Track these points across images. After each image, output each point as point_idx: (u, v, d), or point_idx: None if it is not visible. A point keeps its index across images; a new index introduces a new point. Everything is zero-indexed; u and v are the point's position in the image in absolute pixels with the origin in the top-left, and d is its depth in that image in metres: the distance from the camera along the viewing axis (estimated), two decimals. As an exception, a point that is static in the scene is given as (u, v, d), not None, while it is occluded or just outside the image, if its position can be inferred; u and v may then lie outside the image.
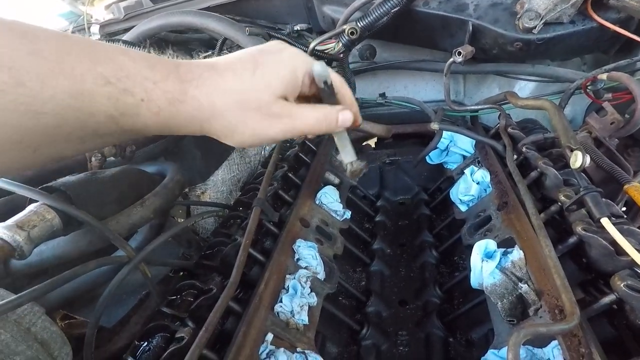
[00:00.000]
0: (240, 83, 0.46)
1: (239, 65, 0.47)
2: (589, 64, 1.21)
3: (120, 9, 1.39)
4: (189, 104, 0.44)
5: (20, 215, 0.56)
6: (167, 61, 0.44)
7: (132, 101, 0.40)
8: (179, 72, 0.44)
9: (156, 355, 0.56)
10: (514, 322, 0.61)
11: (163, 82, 0.42)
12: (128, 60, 0.40)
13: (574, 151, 0.64)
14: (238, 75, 0.47)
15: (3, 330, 0.47)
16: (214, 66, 0.47)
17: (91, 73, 0.37)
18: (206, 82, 0.45)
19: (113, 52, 0.40)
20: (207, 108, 0.45)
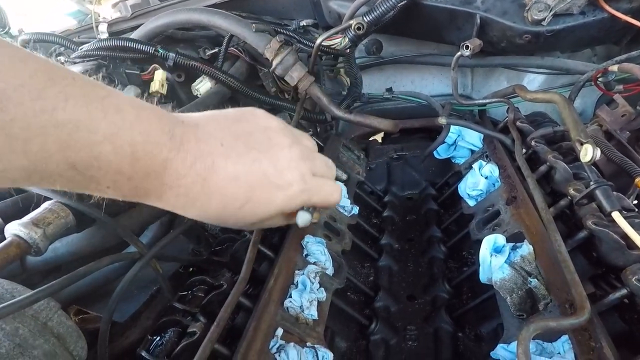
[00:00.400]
0: (225, 209, 0.47)
1: (230, 191, 0.46)
2: (599, 55, 1.19)
3: (127, 7, 1.40)
4: (160, 203, 0.44)
5: (35, 213, 0.57)
6: (157, 153, 0.41)
7: (94, 187, 0.40)
8: (165, 173, 0.42)
9: (169, 349, 0.57)
10: (524, 316, 0.61)
11: (139, 180, 0.41)
12: (109, 149, 0.37)
13: (584, 145, 0.63)
14: (227, 199, 0.46)
15: (21, 325, 0.49)
16: (210, 173, 0.44)
17: (56, 158, 0.35)
18: (189, 193, 0.44)
19: (98, 135, 0.37)
20: (179, 211, 0.46)
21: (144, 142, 0.40)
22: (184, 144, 0.43)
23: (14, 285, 0.54)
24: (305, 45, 1.13)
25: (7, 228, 0.54)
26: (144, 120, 0.40)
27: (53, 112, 0.34)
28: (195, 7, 1.16)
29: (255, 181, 0.47)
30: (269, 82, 1.24)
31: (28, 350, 0.48)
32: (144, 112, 0.41)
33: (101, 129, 0.37)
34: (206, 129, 0.46)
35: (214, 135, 0.46)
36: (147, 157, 0.40)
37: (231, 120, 0.50)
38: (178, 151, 0.42)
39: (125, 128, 0.38)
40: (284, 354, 0.56)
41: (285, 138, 0.52)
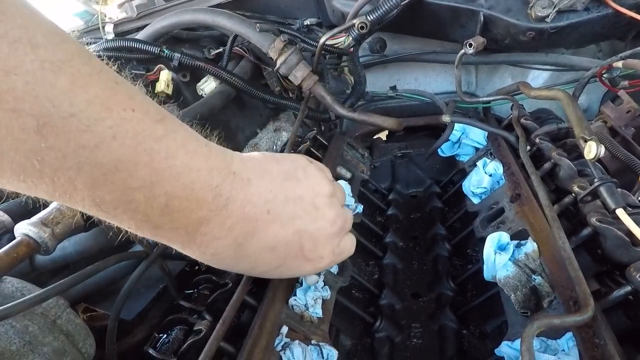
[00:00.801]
0: (252, 271, 0.50)
1: (263, 258, 0.47)
2: (604, 51, 1.18)
3: (133, 7, 1.41)
4: (184, 252, 0.44)
5: (44, 213, 0.58)
6: (196, 209, 0.38)
7: (116, 223, 0.39)
8: (198, 232, 0.40)
9: (175, 347, 0.58)
10: (528, 314, 0.61)
11: (166, 232, 0.39)
12: (141, 198, 0.35)
13: (587, 142, 0.63)
14: (258, 265, 0.48)
15: (31, 323, 0.50)
16: (248, 241, 0.43)
17: (82, 194, 0.34)
18: (217, 256, 0.44)
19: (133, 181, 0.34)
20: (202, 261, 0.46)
21: (184, 198, 0.37)
22: (229, 204, 0.40)
23: (24, 284, 0.55)
24: (309, 45, 1.13)
25: (16, 227, 0.55)
26: (193, 171, 0.37)
27: (95, 149, 0.31)
28: (200, 8, 1.17)
29: (291, 253, 0.48)
30: (273, 81, 1.24)
31: (38, 348, 0.49)
32: (196, 160, 0.37)
33: (141, 176, 0.34)
34: (258, 187, 0.43)
35: (264, 196, 0.44)
36: (182, 213, 0.37)
37: (283, 177, 0.47)
38: (219, 212, 0.40)
39: (168, 179, 0.36)
40: (289, 351, 0.57)
41: (331, 210, 0.51)
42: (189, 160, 0.37)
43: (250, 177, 0.43)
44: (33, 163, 0.30)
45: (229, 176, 0.40)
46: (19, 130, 0.28)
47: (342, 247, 0.55)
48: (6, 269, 0.50)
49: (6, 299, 0.51)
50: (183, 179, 0.36)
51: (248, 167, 0.44)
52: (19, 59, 0.28)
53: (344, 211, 0.54)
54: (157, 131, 0.35)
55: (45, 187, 0.32)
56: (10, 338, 0.48)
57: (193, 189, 0.37)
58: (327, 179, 0.53)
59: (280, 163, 0.49)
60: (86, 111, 0.31)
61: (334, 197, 0.53)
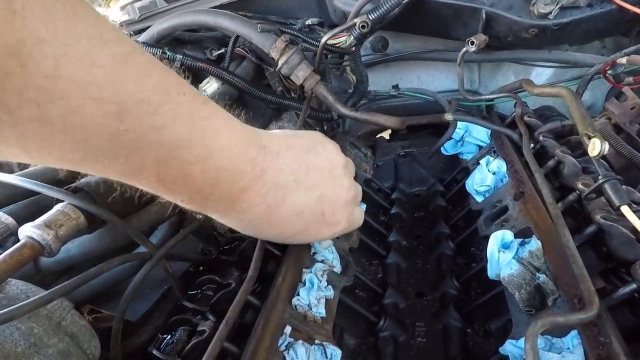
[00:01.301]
0: (279, 235, 0.56)
1: (290, 223, 0.53)
2: (608, 47, 1.17)
3: (135, 9, 1.42)
4: (223, 220, 0.50)
5: (48, 215, 0.58)
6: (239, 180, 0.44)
7: (170, 196, 0.43)
8: (239, 199, 0.45)
9: (179, 347, 0.58)
10: (532, 312, 0.61)
11: (213, 201, 0.44)
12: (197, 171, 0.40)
13: (591, 139, 0.63)
14: (285, 230, 0.54)
15: (36, 325, 0.50)
16: (278, 207, 0.49)
17: (149, 171, 0.38)
18: (253, 222, 0.49)
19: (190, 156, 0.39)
20: (235, 228, 0.52)
21: (229, 170, 0.42)
22: (264, 174, 0.45)
23: (29, 286, 0.55)
24: (311, 45, 1.13)
25: (20, 230, 0.56)
26: (235, 146, 0.43)
27: (161, 129, 0.36)
28: (201, 9, 1.17)
29: (314, 218, 0.53)
30: (275, 81, 1.24)
31: (43, 349, 0.49)
32: (236, 136, 0.43)
33: (196, 152, 0.39)
34: (285, 159, 0.49)
35: (290, 167, 0.50)
36: (227, 183, 0.43)
37: (305, 150, 0.53)
38: (257, 181, 0.45)
39: (217, 153, 0.41)
40: (292, 351, 0.57)
41: (346, 179, 0.57)
42: (232, 137, 0.42)
43: (279, 150, 0.49)
44: (112, 145, 0.34)
45: (261, 149, 0.46)
46: (102, 116, 0.32)
47: (355, 215, 0.61)
48: (11, 272, 0.51)
49: (11, 301, 0.51)
50: (228, 153, 0.42)
51: (275, 141, 0.50)
52: (97, 53, 0.31)
53: (355, 182, 0.61)
54: (204, 111, 0.40)
55: (118, 167, 0.36)
56: (15, 340, 0.48)
57: (236, 161, 0.42)
58: (341, 153, 0.59)
59: (301, 138, 0.55)
60: (152, 96, 0.35)
61: (348, 168, 0.59)
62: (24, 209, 0.70)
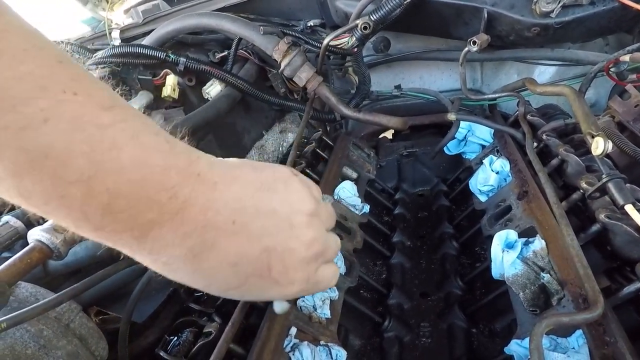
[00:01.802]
0: (210, 288, 0.43)
1: (222, 275, 0.41)
2: (611, 44, 1.17)
3: (138, 13, 1.43)
4: (134, 258, 0.39)
5: (55, 219, 0.59)
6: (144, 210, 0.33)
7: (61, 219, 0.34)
8: (148, 237, 0.35)
9: (186, 349, 0.59)
10: (537, 312, 0.61)
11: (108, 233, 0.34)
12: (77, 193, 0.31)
13: (595, 137, 0.63)
14: (217, 283, 0.42)
15: (45, 327, 0.51)
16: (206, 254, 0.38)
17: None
18: (170, 266, 0.39)
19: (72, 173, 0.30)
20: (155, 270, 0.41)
21: (130, 198, 0.32)
22: (187, 209, 0.35)
23: (38, 289, 0.56)
24: (313, 46, 1.13)
25: (29, 234, 0.56)
26: (144, 167, 0.33)
27: (19, 132, 0.29)
28: (204, 12, 1.18)
29: (255, 272, 0.41)
30: (278, 83, 1.25)
31: (52, 351, 0.50)
32: (148, 155, 0.33)
33: (77, 168, 0.30)
34: (224, 193, 0.38)
35: (230, 204, 0.38)
36: (127, 214, 0.33)
37: (258, 186, 0.42)
38: (173, 217, 0.35)
39: (110, 173, 0.31)
40: (297, 352, 0.57)
41: (308, 231, 0.44)
42: (140, 155, 0.32)
43: (217, 181, 0.38)
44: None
45: (190, 177, 0.36)
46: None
47: (319, 276, 0.47)
48: (21, 275, 0.52)
49: (21, 304, 0.52)
50: (129, 175, 0.32)
51: (217, 170, 0.39)
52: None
53: (326, 236, 0.47)
54: (101, 118, 0.31)
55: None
56: (25, 342, 0.49)
57: (143, 187, 0.33)
58: (311, 196, 0.46)
59: (258, 171, 0.44)
60: (14, 89, 0.28)
61: (316, 218, 0.46)
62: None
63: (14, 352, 0.47)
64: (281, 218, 0.42)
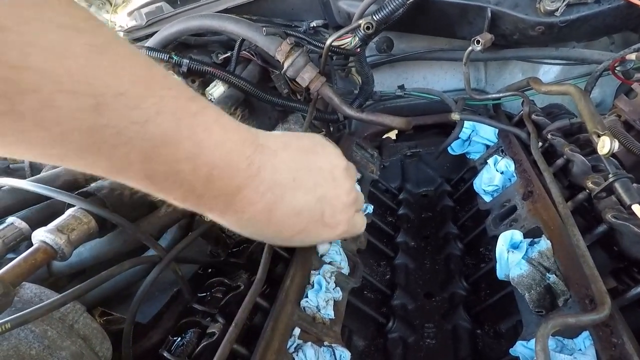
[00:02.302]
0: (278, 236, 0.53)
1: (289, 223, 0.51)
2: (617, 43, 1.16)
3: (142, 15, 1.43)
4: (219, 220, 0.48)
5: (60, 220, 0.59)
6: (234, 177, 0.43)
7: (163, 195, 0.41)
8: (236, 198, 0.44)
9: (189, 350, 0.59)
10: (543, 313, 0.61)
11: (208, 199, 0.43)
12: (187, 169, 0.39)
13: (601, 136, 0.62)
14: (284, 232, 0.52)
15: (49, 327, 0.51)
16: (276, 206, 0.47)
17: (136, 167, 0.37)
18: (251, 221, 0.48)
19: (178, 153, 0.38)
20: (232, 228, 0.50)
21: (223, 167, 0.41)
22: (261, 172, 0.44)
23: (42, 290, 0.56)
24: (316, 47, 1.13)
25: (34, 235, 0.57)
26: (228, 142, 0.41)
27: (145, 124, 0.34)
28: (207, 14, 1.18)
29: (313, 218, 0.51)
30: (281, 84, 1.25)
31: (56, 352, 0.50)
32: (229, 133, 0.42)
33: (185, 148, 0.37)
34: (283, 157, 0.48)
35: (289, 165, 0.48)
36: (222, 181, 0.41)
37: (304, 150, 0.52)
38: (253, 179, 0.44)
39: (208, 150, 0.39)
40: (301, 353, 0.57)
41: (347, 181, 0.56)
42: (224, 133, 0.41)
43: (276, 149, 0.48)
44: (93, 140, 0.33)
45: (258, 147, 0.45)
46: (78, 109, 0.31)
47: (356, 220, 0.60)
48: (25, 275, 0.52)
49: (25, 305, 0.52)
50: (220, 150, 0.40)
51: (272, 140, 0.49)
52: (69, 43, 0.30)
53: (357, 188, 0.61)
54: (191, 108, 0.38)
55: (102, 163, 0.35)
56: (30, 343, 0.49)
57: (230, 158, 0.41)
58: (342, 155, 0.58)
59: (300, 139, 0.54)
60: (132, 90, 0.33)
61: (349, 172, 0.58)
62: (37, 213, 0.71)
63: (18, 353, 0.48)
64: (326, 172, 0.53)
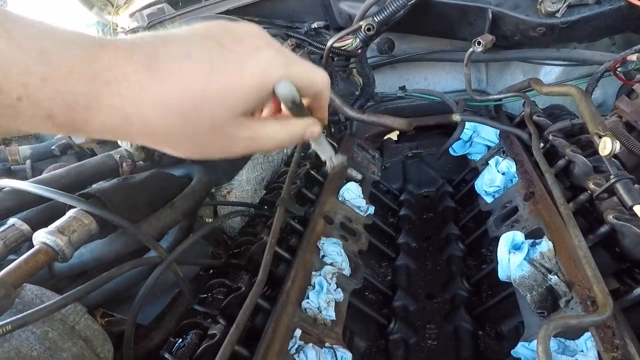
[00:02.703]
0: (186, 91, 0.34)
1: (189, 61, 0.34)
2: (618, 44, 1.16)
3: (143, 16, 1.44)
4: (103, 113, 0.32)
5: (61, 221, 0.59)
6: (78, 46, 0.31)
7: (1, 100, 0.29)
8: (94, 66, 0.31)
9: (191, 351, 0.59)
10: (545, 314, 0.60)
11: (60, 80, 0.30)
12: (6, 44, 0.28)
13: (602, 137, 0.62)
14: (185, 77, 0.34)
15: (50, 329, 0.51)
16: (153, 57, 0.33)
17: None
18: (133, 87, 0.32)
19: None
20: (136, 122, 0.33)
21: (51, 38, 0.30)
22: (111, 40, 0.33)
23: (43, 291, 0.56)
24: (317, 48, 1.13)
25: (35, 236, 0.57)
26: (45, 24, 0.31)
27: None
28: (208, 15, 1.18)
29: (213, 53, 0.35)
30: (281, 85, 1.25)
31: (57, 353, 0.50)
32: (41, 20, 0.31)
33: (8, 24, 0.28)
34: (140, 34, 0.36)
35: (152, 34, 0.35)
36: (59, 51, 0.30)
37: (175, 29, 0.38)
38: (102, 45, 0.32)
39: (21, 25, 0.29)
40: (302, 354, 0.57)
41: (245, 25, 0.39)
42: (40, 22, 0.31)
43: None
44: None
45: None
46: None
47: (287, 50, 0.39)
48: (26, 277, 0.52)
49: (26, 306, 0.52)
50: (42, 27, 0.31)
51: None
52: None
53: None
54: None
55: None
56: (31, 344, 0.49)
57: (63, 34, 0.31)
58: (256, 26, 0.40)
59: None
60: None
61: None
62: (38, 215, 0.71)
63: (19, 354, 0.48)
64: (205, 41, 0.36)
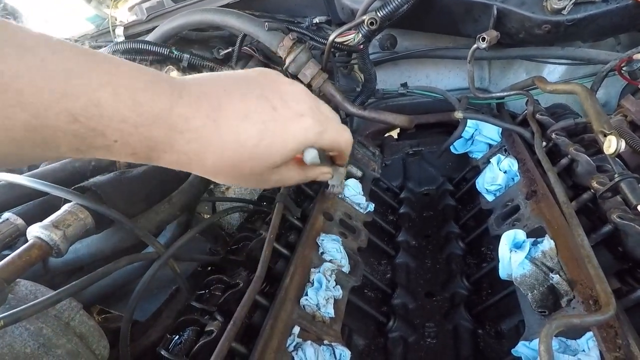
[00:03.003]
0: (240, 147, 0.43)
1: (247, 122, 0.43)
2: (623, 43, 1.15)
3: (142, 10, 1.42)
4: (175, 155, 0.40)
5: (55, 215, 0.58)
6: (160, 98, 0.38)
7: (102, 142, 0.36)
8: (171, 117, 0.38)
9: (188, 348, 0.58)
10: (546, 313, 0.60)
11: (146, 128, 0.37)
12: (109, 94, 0.35)
13: (607, 136, 0.61)
14: (242, 137, 0.43)
15: (45, 325, 0.50)
16: (217, 112, 0.41)
17: (55, 109, 0.33)
18: (201, 137, 0.41)
19: (93, 81, 0.34)
20: (195, 163, 0.42)
21: (143, 89, 0.37)
22: (186, 88, 0.40)
23: (37, 287, 0.55)
24: (318, 42, 1.12)
25: (29, 230, 0.56)
26: (137, 71, 0.38)
27: (42, 62, 0.32)
28: (209, 8, 1.17)
29: (266, 116, 0.44)
30: (282, 80, 1.24)
31: (52, 350, 0.49)
32: (134, 66, 0.38)
33: (95, 77, 0.34)
34: (207, 79, 0.44)
35: (217, 83, 0.44)
36: (149, 102, 0.37)
37: (234, 75, 0.47)
38: (180, 96, 0.39)
39: (120, 75, 0.36)
40: (301, 352, 0.56)
41: (287, 80, 0.49)
42: (130, 66, 0.38)
43: (195, 77, 0.44)
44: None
45: (174, 78, 0.41)
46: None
47: (329, 117, 0.50)
48: (20, 272, 0.51)
49: (20, 302, 0.51)
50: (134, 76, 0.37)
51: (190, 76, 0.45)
52: None
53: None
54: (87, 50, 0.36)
55: (20, 116, 0.32)
56: (24, 340, 0.48)
57: (147, 81, 0.38)
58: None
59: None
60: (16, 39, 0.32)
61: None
62: (33, 209, 0.71)
63: (12, 351, 0.47)
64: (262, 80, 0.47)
